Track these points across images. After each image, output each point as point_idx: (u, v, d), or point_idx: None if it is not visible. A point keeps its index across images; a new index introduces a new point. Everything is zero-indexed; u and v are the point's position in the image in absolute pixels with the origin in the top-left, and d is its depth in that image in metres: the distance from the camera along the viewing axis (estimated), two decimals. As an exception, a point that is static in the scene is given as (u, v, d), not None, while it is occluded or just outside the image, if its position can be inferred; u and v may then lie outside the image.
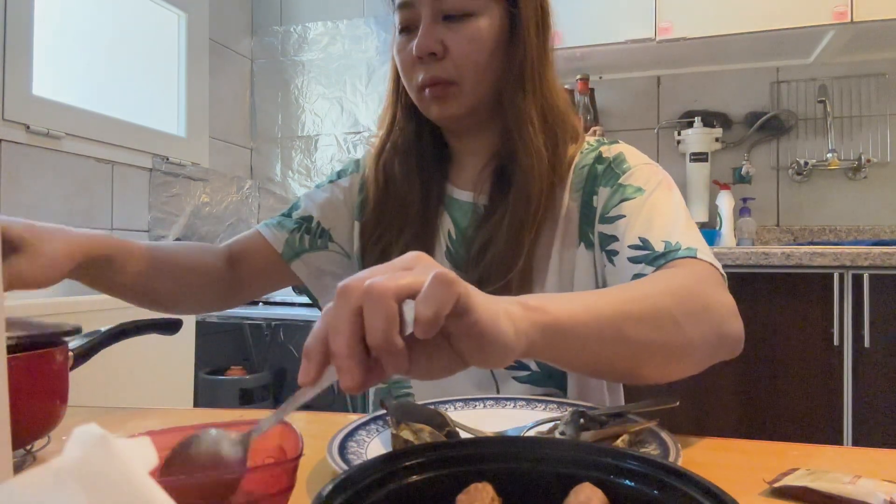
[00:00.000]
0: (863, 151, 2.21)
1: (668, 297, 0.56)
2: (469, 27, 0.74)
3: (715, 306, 0.59)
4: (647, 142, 2.40)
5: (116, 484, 0.24)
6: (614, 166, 0.77)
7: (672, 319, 0.54)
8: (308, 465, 0.53)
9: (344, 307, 0.36)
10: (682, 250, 0.65)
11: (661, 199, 0.73)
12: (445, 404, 0.66)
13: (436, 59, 0.74)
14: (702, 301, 0.58)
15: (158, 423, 0.69)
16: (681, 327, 0.55)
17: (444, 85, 0.75)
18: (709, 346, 0.58)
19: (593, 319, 0.49)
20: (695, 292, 0.58)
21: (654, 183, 0.74)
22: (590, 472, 0.35)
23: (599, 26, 2.11)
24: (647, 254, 0.67)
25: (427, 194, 0.83)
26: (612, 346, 0.51)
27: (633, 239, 0.69)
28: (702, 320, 0.57)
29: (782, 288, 1.68)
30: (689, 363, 0.58)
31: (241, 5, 2.82)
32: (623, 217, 0.72)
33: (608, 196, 0.75)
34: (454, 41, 0.74)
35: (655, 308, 0.54)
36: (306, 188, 2.76)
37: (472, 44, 0.75)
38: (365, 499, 0.32)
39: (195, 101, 2.48)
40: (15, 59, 1.72)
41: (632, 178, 0.75)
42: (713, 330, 0.58)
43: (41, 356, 0.52)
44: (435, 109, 0.77)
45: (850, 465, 0.54)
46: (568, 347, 0.48)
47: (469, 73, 0.75)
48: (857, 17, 1.88)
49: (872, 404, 1.63)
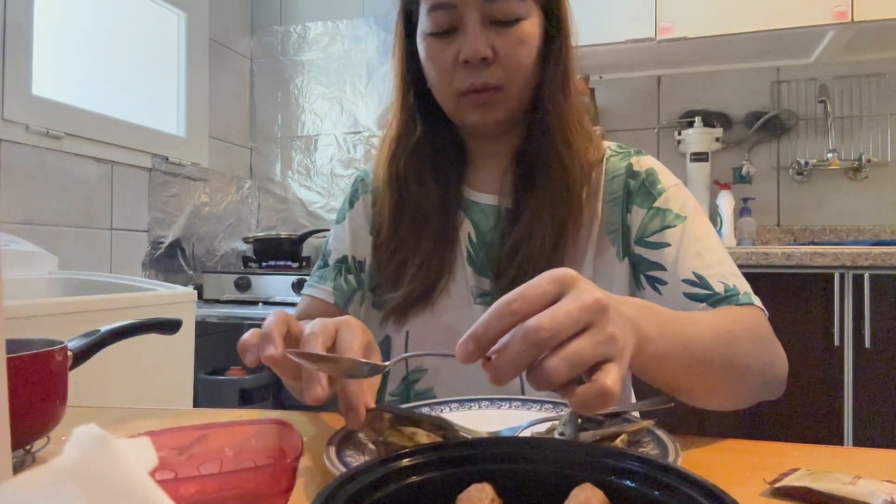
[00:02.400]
0: (863, 151, 2.21)
1: (745, 343, 0.62)
2: (517, 32, 0.73)
3: (774, 350, 0.67)
4: (648, 142, 2.41)
5: (116, 484, 0.24)
6: (648, 185, 0.78)
7: (743, 359, 0.61)
8: (308, 465, 0.53)
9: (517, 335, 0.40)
10: (742, 295, 0.70)
11: (701, 228, 0.76)
12: (441, 405, 0.66)
13: (486, 65, 0.73)
14: (767, 347, 0.66)
15: (158, 423, 0.69)
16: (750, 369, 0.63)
17: (491, 91, 0.74)
18: (765, 387, 0.66)
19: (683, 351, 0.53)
20: (762, 337, 0.66)
21: (689, 209, 0.77)
22: (590, 472, 0.35)
23: (599, 26, 2.11)
24: (707, 293, 0.70)
25: (444, 201, 0.81)
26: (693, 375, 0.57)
27: (686, 273, 0.72)
28: (765, 365, 0.65)
29: (783, 288, 1.68)
30: (742, 399, 0.66)
31: (241, 5, 2.82)
32: (668, 245, 0.74)
33: (646, 219, 0.76)
34: (504, 46, 0.73)
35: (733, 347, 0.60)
36: (306, 188, 2.76)
37: (522, 48, 0.74)
38: (365, 499, 0.32)
39: (195, 101, 2.48)
40: (15, 59, 1.72)
41: (669, 202, 0.76)
42: (771, 374, 0.66)
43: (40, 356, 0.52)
44: (476, 115, 0.76)
45: (851, 465, 0.53)
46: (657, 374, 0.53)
47: (517, 78, 0.74)
48: (857, 17, 1.88)
49: (873, 404, 1.63)
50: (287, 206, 2.78)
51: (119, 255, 2.07)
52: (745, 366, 0.62)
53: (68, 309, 1.22)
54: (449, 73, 0.75)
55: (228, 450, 0.48)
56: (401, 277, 0.80)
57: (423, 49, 0.77)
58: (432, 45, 0.75)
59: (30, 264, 1.47)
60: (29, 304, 1.19)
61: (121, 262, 2.07)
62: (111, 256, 2.05)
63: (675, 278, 0.72)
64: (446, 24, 0.74)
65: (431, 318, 0.80)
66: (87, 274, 1.59)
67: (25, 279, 1.42)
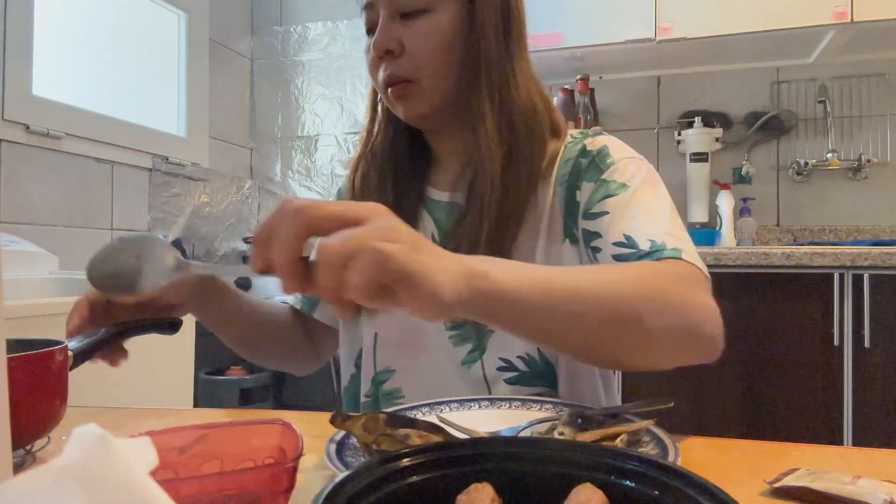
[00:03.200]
0: (863, 151, 2.21)
1: (634, 287, 0.56)
2: (424, 23, 0.74)
3: (688, 306, 0.58)
4: (647, 142, 2.41)
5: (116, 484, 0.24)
6: (598, 161, 0.75)
7: (632, 309, 0.54)
8: (308, 465, 0.53)
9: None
10: (668, 250, 0.64)
11: (645, 195, 0.71)
12: (441, 405, 0.66)
13: (394, 58, 0.74)
14: (673, 298, 0.57)
15: (158, 423, 0.69)
16: (641, 319, 0.54)
17: (404, 84, 0.75)
18: (675, 343, 0.58)
19: (540, 294, 0.49)
20: (667, 288, 0.58)
21: (638, 178, 0.73)
22: (590, 472, 0.35)
23: (599, 26, 2.11)
24: (632, 252, 0.66)
25: (400, 201, 0.81)
26: (560, 323, 0.52)
27: (617, 236, 0.68)
28: (669, 317, 0.56)
29: (782, 288, 1.68)
30: (650, 357, 0.59)
31: (241, 5, 2.82)
32: (607, 214, 0.70)
33: (591, 191, 0.73)
34: (410, 38, 0.74)
35: (615, 295, 0.54)
36: (306, 188, 2.76)
37: (428, 40, 0.74)
38: (365, 499, 0.32)
39: (195, 101, 2.48)
40: (15, 59, 1.72)
41: (616, 173, 0.73)
42: (682, 329, 0.57)
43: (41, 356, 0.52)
44: (399, 108, 0.77)
45: (851, 465, 0.54)
46: (510, 316, 0.49)
47: (427, 71, 0.74)
48: (857, 17, 1.88)
49: (872, 404, 1.63)
50: (287, 206, 2.78)
51: (119, 255, 2.07)
52: (635, 317, 0.54)
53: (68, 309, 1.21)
54: (375, 69, 0.77)
55: (228, 450, 0.48)
56: None
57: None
58: (366, 43, 0.79)
59: (30, 264, 1.47)
60: (29, 304, 1.19)
61: (121, 262, 2.06)
62: (111, 256, 2.05)
63: (606, 243, 0.68)
64: (371, 22, 0.77)
65: (399, 319, 0.80)
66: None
67: (25, 279, 1.42)
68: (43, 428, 0.54)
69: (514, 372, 0.76)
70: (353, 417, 0.50)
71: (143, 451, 0.26)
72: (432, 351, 0.79)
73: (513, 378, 0.76)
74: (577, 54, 2.21)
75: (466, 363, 0.77)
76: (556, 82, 2.44)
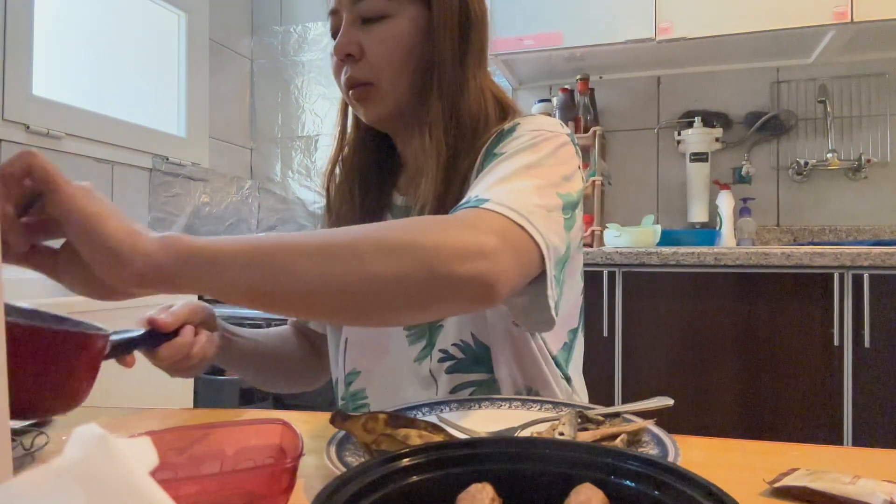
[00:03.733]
0: (863, 151, 2.21)
1: (358, 233, 0.51)
2: (383, 28, 0.75)
3: (432, 244, 0.51)
4: (647, 142, 2.41)
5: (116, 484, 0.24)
6: (502, 137, 0.72)
7: (353, 253, 0.49)
8: (308, 465, 0.53)
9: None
10: (472, 201, 0.58)
11: (513, 160, 0.65)
12: (441, 405, 0.66)
13: (354, 61, 0.76)
14: (410, 238, 0.51)
15: (158, 423, 0.69)
16: (363, 262, 0.49)
17: (363, 87, 0.76)
18: (414, 285, 0.50)
19: (243, 251, 0.47)
20: (406, 229, 0.52)
21: (518, 148, 0.67)
22: (590, 472, 0.35)
23: (599, 26, 2.11)
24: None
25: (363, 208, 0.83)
26: (268, 277, 0.48)
27: (462, 200, 0.62)
28: (399, 256, 0.50)
29: (782, 288, 1.68)
30: (383, 301, 0.51)
31: (241, 5, 2.82)
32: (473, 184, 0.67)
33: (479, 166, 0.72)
34: (369, 42, 0.75)
35: (330, 242, 0.50)
36: (306, 188, 2.76)
37: (386, 44, 0.75)
38: (365, 499, 0.32)
39: (195, 101, 2.48)
40: (15, 59, 1.72)
41: (506, 146, 0.69)
42: (419, 268, 0.50)
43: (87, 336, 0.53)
44: (360, 110, 0.79)
45: (851, 465, 0.54)
46: (209, 275, 0.47)
47: (385, 74, 0.75)
48: (857, 17, 1.88)
49: (872, 404, 1.63)
50: (287, 206, 2.78)
51: (119, 255, 2.07)
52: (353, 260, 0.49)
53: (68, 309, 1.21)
54: (336, 72, 0.79)
55: (228, 450, 0.48)
56: None
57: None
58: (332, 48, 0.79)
59: (30, 264, 1.47)
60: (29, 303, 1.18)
61: (121, 262, 2.07)
62: (111, 256, 2.05)
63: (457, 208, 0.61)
64: (335, 27, 0.78)
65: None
66: (87, 274, 1.58)
67: (25, 279, 1.42)
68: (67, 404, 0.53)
69: (452, 360, 0.77)
70: (353, 417, 0.50)
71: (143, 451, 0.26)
72: (392, 352, 0.81)
73: (451, 367, 0.77)
74: (577, 54, 2.21)
75: (419, 360, 0.79)
76: (556, 82, 2.44)
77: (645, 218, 2.17)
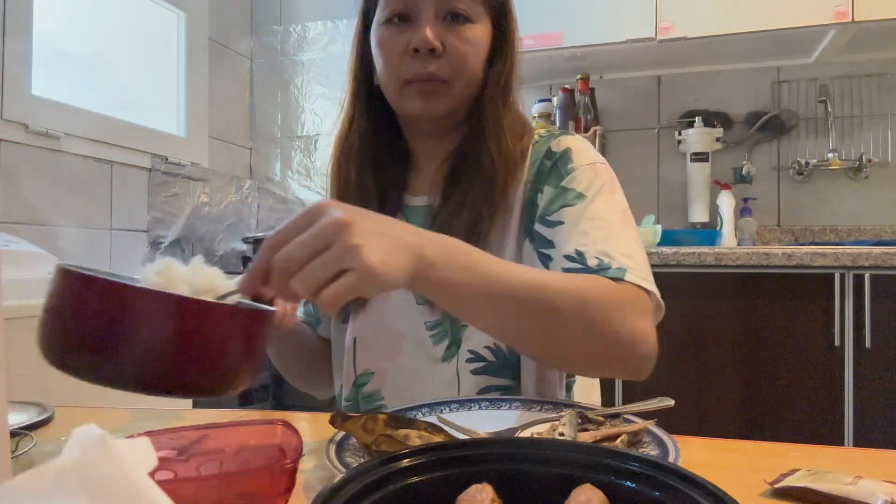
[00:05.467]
0: (864, 151, 2.21)
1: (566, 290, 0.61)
2: (468, 31, 0.76)
3: (619, 323, 0.63)
4: (648, 142, 2.40)
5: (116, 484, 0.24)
6: (560, 165, 0.77)
7: (558, 310, 0.60)
8: (308, 465, 0.53)
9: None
10: (612, 270, 0.67)
11: (600, 207, 0.73)
12: (441, 406, 0.66)
13: (434, 56, 0.75)
14: (603, 313, 0.62)
15: (158, 423, 0.69)
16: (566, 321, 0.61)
17: (436, 82, 0.76)
18: (597, 360, 0.65)
19: (481, 290, 0.56)
20: (600, 302, 0.63)
21: (595, 188, 0.75)
22: (590, 473, 0.35)
23: (599, 26, 2.10)
24: (580, 268, 0.69)
25: (383, 204, 0.82)
26: (494, 317, 0.60)
27: (569, 250, 0.71)
28: (594, 336, 0.62)
29: (783, 288, 1.68)
30: (574, 359, 0.66)
31: (241, 5, 2.82)
32: (562, 224, 0.73)
33: (551, 197, 0.76)
34: (453, 41, 0.75)
35: (547, 295, 0.60)
36: (306, 188, 2.76)
37: (469, 47, 0.76)
38: (365, 499, 0.32)
39: (194, 101, 2.47)
40: (15, 59, 1.72)
41: (574, 181, 0.75)
42: (608, 342, 0.63)
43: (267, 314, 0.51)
44: (418, 104, 0.77)
45: (851, 465, 0.53)
46: (448, 304, 0.58)
47: (462, 75, 0.77)
48: (857, 17, 1.88)
49: (873, 405, 1.63)
50: (287, 206, 2.78)
51: (119, 255, 2.07)
52: (562, 323, 0.60)
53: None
54: (397, 61, 0.77)
55: (228, 450, 0.48)
56: None
57: (375, 38, 0.80)
58: (385, 33, 0.78)
59: (29, 264, 1.47)
60: (29, 304, 1.19)
61: (120, 262, 2.06)
62: (111, 256, 2.05)
63: (558, 254, 0.72)
64: (400, 12, 0.77)
65: (377, 323, 0.82)
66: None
67: (25, 279, 1.42)
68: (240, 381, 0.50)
69: (482, 362, 0.78)
70: (352, 418, 0.50)
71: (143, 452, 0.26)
72: (409, 352, 0.80)
73: (479, 369, 0.77)
74: (578, 54, 2.21)
75: (446, 359, 0.78)
76: (556, 82, 2.43)
77: (645, 218, 2.17)
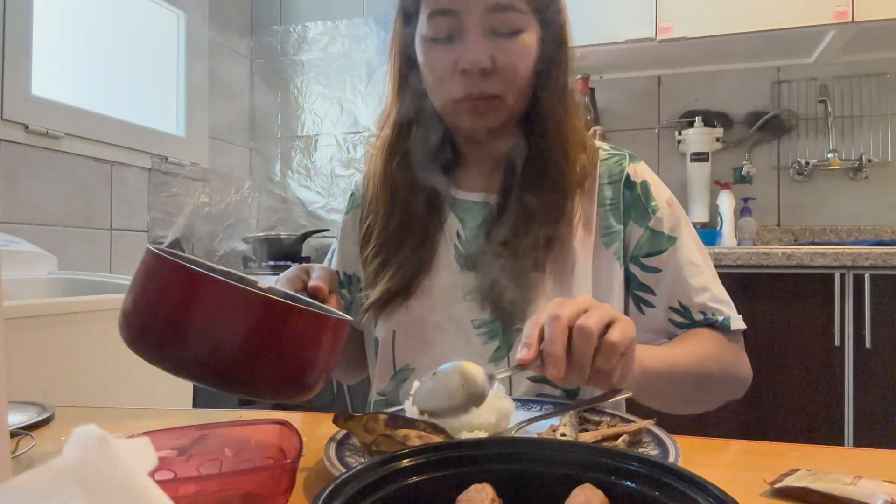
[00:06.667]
0: (864, 151, 2.21)
1: (712, 363, 0.75)
2: (517, 44, 0.74)
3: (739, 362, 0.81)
4: (648, 142, 2.40)
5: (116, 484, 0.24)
6: (644, 201, 0.81)
7: (711, 382, 0.76)
8: (308, 465, 0.53)
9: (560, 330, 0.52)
10: (720, 323, 0.80)
11: (690, 248, 0.81)
12: None
13: (484, 75, 0.73)
14: (731, 359, 0.80)
15: (158, 423, 0.69)
16: (715, 387, 0.78)
17: (490, 99, 0.74)
18: (729, 391, 0.81)
19: (667, 374, 0.68)
20: (729, 362, 0.79)
21: (679, 226, 0.82)
22: (590, 472, 0.35)
23: (599, 26, 2.10)
24: (686, 322, 0.80)
25: (432, 202, 0.82)
26: (670, 394, 0.72)
27: (672, 302, 0.80)
28: (729, 384, 0.80)
29: (783, 288, 1.68)
30: (711, 403, 0.81)
31: (241, 5, 2.82)
32: (659, 272, 0.80)
33: (642, 239, 0.80)
34: (503, 57, 0.73)
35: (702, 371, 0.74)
36: (306, 188, 2.76)
37: (520, 60, 0.75)
38: (365, 499, 0.32)
39: (194, 101, 2.47)
40: (14, 59, 1.72)
41: (661, 222, 0.81)
42: (736, 389, 0.81)
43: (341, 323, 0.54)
44: (471, 121, 0.76)
45: (852, 465, 0.53)
46: (646, 391, 0.67)
47: (514, 88, 0.75)
48: (857, 17, 1.88)
49: (873, 405, 1.63)
50: (287, 206, 2.78)
51: (119, 255, 2.07)
52: (712, 381, 0.76)
53: (68, 309, 1.22)
54: (446, 80, 0.75)
55: (228, 450, 0.48)
56: (381, 275, 0.82)
57: (421, 53, 0.78)
58: (431, 50, 0.76)
59: (29, 264, 1.47)
60: (29, 304, 1.19)
61: (120, 262, 2.06)
62: (111, 256, 2.05)
63: (662, 304, 0.81)
64: (446, 30, 0.74)
65: (418, 317, 0.80)
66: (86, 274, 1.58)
67: (25, 279, 1.42)
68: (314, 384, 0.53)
69: None
70: (355, 417, 0.50)
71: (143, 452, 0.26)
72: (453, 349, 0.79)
73: (537, 376, 0.76)
74: (577, 54, 2.19)
75: (493, 360, 0.77)
76: (556, 82, 2.43)
77: (645, 218, 2.17)
